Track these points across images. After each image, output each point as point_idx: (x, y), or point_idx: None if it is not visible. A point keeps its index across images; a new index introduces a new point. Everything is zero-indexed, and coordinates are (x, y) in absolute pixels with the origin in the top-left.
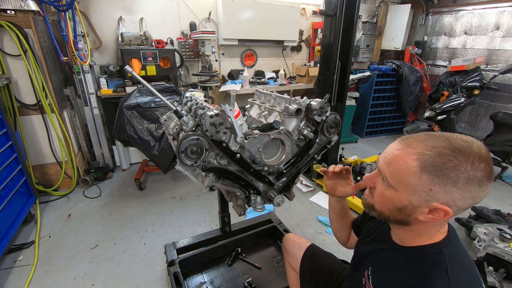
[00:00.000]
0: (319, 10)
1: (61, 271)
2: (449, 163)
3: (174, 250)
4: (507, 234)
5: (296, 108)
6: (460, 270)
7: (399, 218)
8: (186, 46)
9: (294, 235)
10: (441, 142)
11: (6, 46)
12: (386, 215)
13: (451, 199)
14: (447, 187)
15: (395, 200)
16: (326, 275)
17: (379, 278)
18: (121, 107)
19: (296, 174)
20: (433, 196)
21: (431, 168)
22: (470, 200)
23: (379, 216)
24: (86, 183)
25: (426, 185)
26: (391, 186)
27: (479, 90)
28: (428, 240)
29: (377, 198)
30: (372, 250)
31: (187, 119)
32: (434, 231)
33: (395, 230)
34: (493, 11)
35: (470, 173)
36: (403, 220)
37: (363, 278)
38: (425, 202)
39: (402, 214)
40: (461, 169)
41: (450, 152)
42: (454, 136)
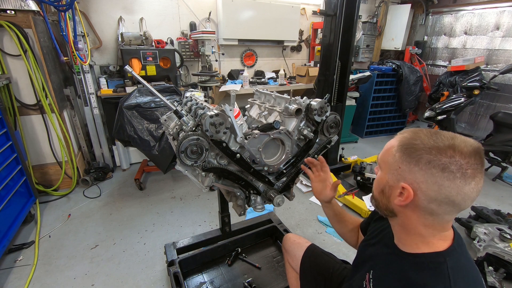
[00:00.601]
0: (319, 10)
1: (61, 271)
2: (417, 143)
3: (174, 250)
4: (507, 234)
5: (296, 108)
6: (464, 282)
7: (384, 202)
8: (186, 46)
9: (294, 235)
10: (427, 131)
11: (6, 46)
12: (377, 200)
13: (415, 179)
14: (411, 165)
15: (379, 180)
16: (326, 275)
17: (380, 283)
18: (121, 107)
19: (296, 174)
20: (402, 174)
21: (403, 147)
22: (435, 186)
23: (375, 205)
24: (86, 183)
25: (397, 162)
26: (379, 167)
27: (479, 90)
28: (430, 248)
29: (374, 184)
30: (375, 252)
31: (187, 119)
32: (425, 231)
33: (393, 228)
34: (493, 11)
35: (434, 157)
36: (387, 207)
37: (364, 281)
38: (396, 182)
39: (384, 197)
40: (426, 151)
41: (426, 137)
42: (448, 132)
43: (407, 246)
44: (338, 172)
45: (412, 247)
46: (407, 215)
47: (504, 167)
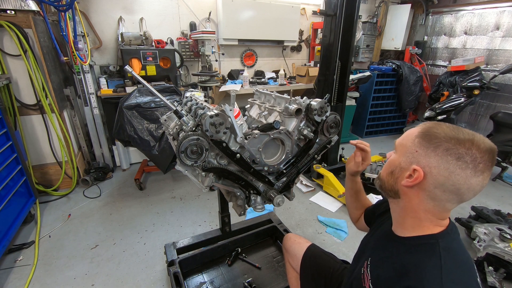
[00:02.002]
0: (319, 10)
1: (61, 271)
2: (439, 132)
3: (174, 250)
4: (507, 234)
5: (296, 108)
6: (455, 262)
7: (390, 182)
8: (186, 46)
9: (294, 235)
10: (450, 125)
11: (6, 46)
12: (383, 180)
13: (428, 163)
14: (428, 150)
15: (391, 162)
16: (326, 275)
17: (377, 267)
18: (121, 107)
19: (296, 174)
20: (416, 157)
21: (424, 134)
22: (446, 172)
23: (379, 185)
24: (86, 183)
25: (415, 146)
26: (396, 150)
27: (479, 90)
28: (424, 231)
29: (384, 166)
30: (375, 242)
31: (187, 119)
32: (424, 216)
33: (393, 212)
34: (493, 11)
35: (452, 146)
36: (392, 187)
37: (362, 268)
38: (409, 164)
39: (392, 178)
40: (446, 140)
41: (448, 129)
42: (468, 130)
43: (403, 230)
44: (338, 172)
45: (408, 230)
46: (409, 197)
47: (504, 167)
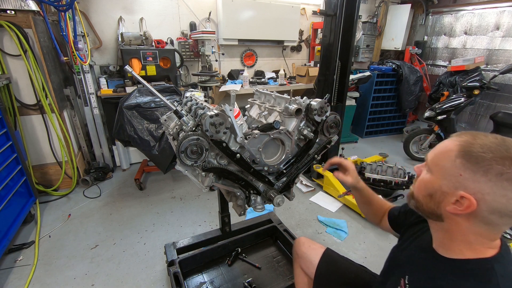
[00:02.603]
0: (319, 10)
1: (61, 271)
2: (486, 154)
3: (174, 250)
4: (507, 234)
5: (296, 108)
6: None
7: (430, 206)
8: (186, 46)
9: (306, 240)
10: (492, 138)
11: (6, 46)
12: (420, 202)
13: (479, 190)
14: (477, 175)
15: (428, 184)
16: (347, 280)
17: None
18: (121, 107)
19: (296, 174)
20: (462, 182)
21: (466, 154)
22: (504, 199)
23: (415, 206)
24: (86, 183)
25: (458, 169)
26: (429, 169)
27: (479, 90)
28: (476, 254)
29: (416, 184)
30: (410, 257)
31: (187, 119)
32: (475, 239)
33: (434, 232)
34: (493, 11)
35: (507, 169)
36: (434, 212)
37: (399, 286)
38: (453, 189)
39: (432, 202)
40: (496, 162)
41: (494, 146)
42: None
43: (450, 252)
44: None
45: (455, 252)
46: (457, 222)
47: None
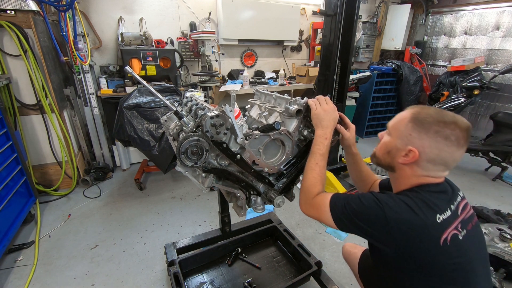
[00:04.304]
0: (319, 10)
1: (61, 271)
2: (429, 119)
3: (174, 250)
4: (507, 234)
5: (296, 109)
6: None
7: (387, 160)
8: (186, 46)
9: (349, 246)
10: (434, 109)
11: (6, 46)
12: (380, 159)
13: (421, 144)
14: (421, 133)
15: (388, 144)
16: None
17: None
18: (121, 107)
19: (296, 175)
20: (410, 140)
21: (415, 119)
22: (437, 150)
23: (376, 162)
24: (86, 183)
25: (409, 130)
26: (389, 133)
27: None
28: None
29: (379, 146)
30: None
31: (187, 120)
32: (416, 180)
33: (391, 182)
34: (493, 11)
35: (440, 129)
36: (390, 164)
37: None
38: (404, 145)
39: (389, 157)
40: (435, 124)
41: (434, 114)
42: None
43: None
44: (338, 172)
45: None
46: (404, 170)
47: (504, 167)
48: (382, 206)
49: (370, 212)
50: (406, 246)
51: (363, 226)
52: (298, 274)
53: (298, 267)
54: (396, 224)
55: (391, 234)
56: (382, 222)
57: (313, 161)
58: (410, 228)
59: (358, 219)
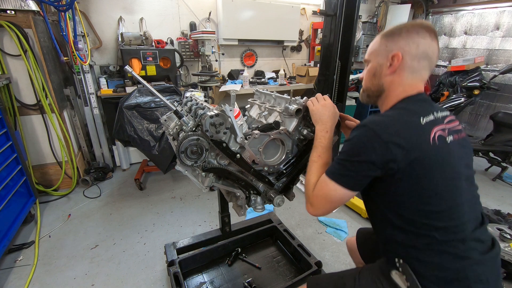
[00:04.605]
0: (319, 10)
1: (61, 271)
2: (397, 28)
3: (174, 250)
4: (507, 234)
5: (296, 108)
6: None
7: (375, 83)
8: (186, 46)
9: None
10: (399, 24)
11: (6, 46)
12: (368, 87)
13: (400, 46)
14: (395, 39)
15: (370, 69)
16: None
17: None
18: (121, 107)
19: (296, 175)
20: (389, 49)
21: (385, 34)
22: (414, 45)
23: (367, 95)
24: (86, 183)
25: (383, 44)
26: (367, 61)
27: (479, 90)
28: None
29: (364, 78)
30: None
31: (187, 119)
32: (403, 92)
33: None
34: (493, 11)
35: (409, 28)
36: (379, 85)
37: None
38: (386, 57)
39: (376, 78)
40: (403, 28)
41: (401, 24)
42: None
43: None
44: None
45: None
46: (393, 82)
47: (504, 167)
48: (369, 128)
49: (361, 139)
50: (405, 156)
51: (365, 158)
52: (298, 274)
53: (298, 267)
54: (389, 137)
55: (389, 149)
56: (377, 140)
57: (315, 154)
58: (402, 136)
59: (356, 156)
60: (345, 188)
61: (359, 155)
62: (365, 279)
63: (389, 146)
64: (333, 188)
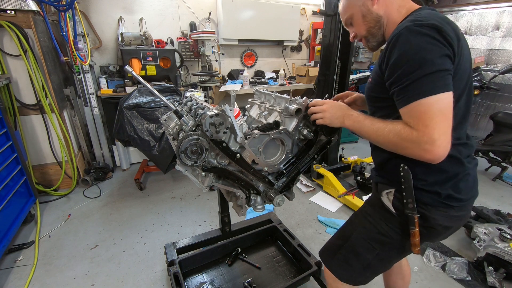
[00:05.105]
0: (319, 10)
1: (61, 271)
2: None
3: (174, 250)
4: (507, 234)
5: (296, 108)
6: (422, 14)
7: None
8: (186, 46)
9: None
10: None
11: (6, 46)
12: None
13: None
14: None
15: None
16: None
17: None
18: (121, 107)
19: (296, 174)
20: None
21: None
22: None
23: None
24: (86, 183)
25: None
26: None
27: (479, 90)
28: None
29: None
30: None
31: (187, 119)
32: (398, 14)
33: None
34: (493, 11)
35: None
36: (376, 19)
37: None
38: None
39: (369, 17)
40: None
41: None
42: None
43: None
44: (338, 172)
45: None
46: (388, 7)
47: (504, 167)
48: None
49: (421, 41)
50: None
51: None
52: (298, 274)
53: (298, 267)
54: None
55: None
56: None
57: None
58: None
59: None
60: (446, 91)
61: (432, 52)
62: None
63: (449, 35)
64: (436, 99)
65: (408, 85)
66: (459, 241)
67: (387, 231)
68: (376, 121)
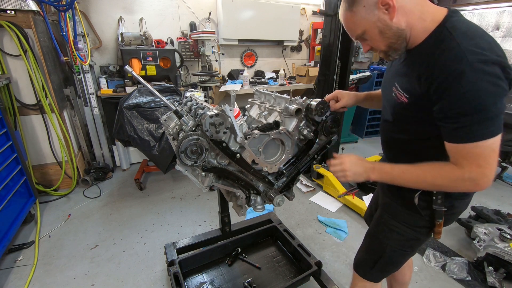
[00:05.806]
0: (319, 10)
1: (61, 271)
2: None
3: (174, 250)
4: (507, 234)
5: (296, 108)
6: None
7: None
8: (186, 46)
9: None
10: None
11: (6, 46)
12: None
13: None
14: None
15: (373, 34)
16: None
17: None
18: (121, 107)
19: (296, 174)
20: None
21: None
22: None
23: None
24: (86, 183)
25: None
26: (362, 33)
27: None
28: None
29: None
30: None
31: (187, 119)
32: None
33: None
34: (493, 11)
35: None
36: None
37: (393, 94)
38: (374, 10)
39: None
40: None
41: None
42: None
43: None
44: None
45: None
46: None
47: (504, 167)
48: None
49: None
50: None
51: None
52: (298, 274)
53: (298, 267)
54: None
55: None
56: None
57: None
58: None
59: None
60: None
61: (495, 96)
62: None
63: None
64: (493, 141)
65: (467, 126)
66: (459, 241)
67: (415, 235)
68: (405, 168)
